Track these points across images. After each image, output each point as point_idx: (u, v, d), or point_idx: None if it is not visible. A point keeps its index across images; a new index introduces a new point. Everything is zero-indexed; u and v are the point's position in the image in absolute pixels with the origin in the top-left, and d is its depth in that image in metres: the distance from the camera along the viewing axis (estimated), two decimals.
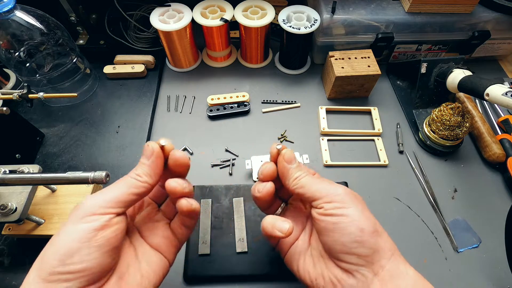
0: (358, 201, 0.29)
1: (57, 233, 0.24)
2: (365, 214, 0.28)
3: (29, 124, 0.49)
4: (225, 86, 0.60)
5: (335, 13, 0.54)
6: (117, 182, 0.26)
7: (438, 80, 0.52)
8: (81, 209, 0.24)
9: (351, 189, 0.30)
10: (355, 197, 0.29)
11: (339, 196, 0.28)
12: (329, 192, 0.28)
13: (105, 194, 0.25)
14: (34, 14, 0.46)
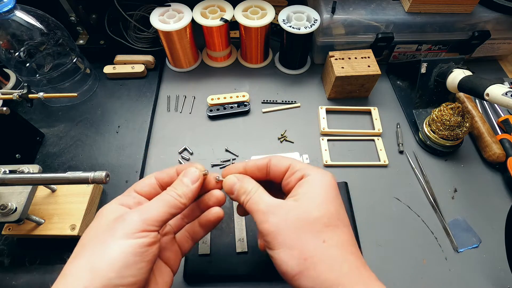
0: (287, 235, 0.25)
1: (101, 245, 0.24)
2: (292, 253, 0.25)
3: (29, 124, 0.49)
4: (225, 86, 0.60)
5: (335, 13, 0.54)
6: (158, 199, 0.27)
7: (438, 80, 0.52)
8: (130, 224, 0.24)
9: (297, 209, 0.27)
10: (289, 227, 0.26)
11: (272, 232, 0.26)
12: (260, 226, 0.27)
13: (149, 211, 0.26)
14: (34, 14, 0.46)
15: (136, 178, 0.47)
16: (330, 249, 0.25)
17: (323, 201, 0.26)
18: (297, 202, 0.27)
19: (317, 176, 0.28)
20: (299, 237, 0.25)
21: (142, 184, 0.30)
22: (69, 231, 0.40)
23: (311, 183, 0.28)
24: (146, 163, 0.50)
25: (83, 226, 0.41)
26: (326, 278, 0.24)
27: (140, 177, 0.48)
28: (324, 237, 0.25)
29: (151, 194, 0.30)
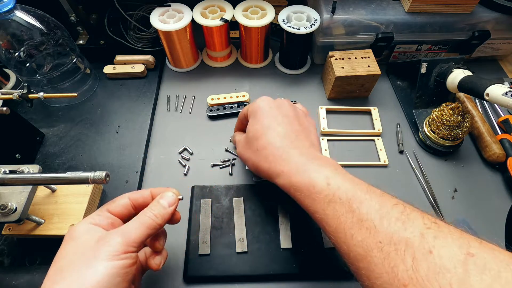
0: (242, 154, 0.40)
1: (86, 268, 0.25)
2: (248, 164, 0.39)
3: (29, 124, 0.49)
4: (225, 86, 0.60)
5: (335, 13, 0.54)
6: (137, 221, 0.29)
7: (438, 80, 0.52)
8: (114, 246, 0.26)
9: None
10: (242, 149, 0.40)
11: (239, 154, 0.41)
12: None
13: (130, 233, 0.28)
14: (34, 14, 0.46)
15: (136, 178, 0.47)
16: (261, 152, 0.36)
17: (253, 123, 0.38)
18: (243, 134, 0.41)
19: (250, 108, 0.40)
20: (246, 153, 0.38)
21: (115, 204, 0.32)
22: None
23: (249, 115, 0.40)
24: (146, 163, 0.50)
25: None
26: (266, 168, 0.35)
27: (140, 177, 0.48)
28: (256, 147, 0.36)
29: (123, 215, 0.32)
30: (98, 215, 0.30)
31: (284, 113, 0.38)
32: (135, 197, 0.33)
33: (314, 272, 0.39)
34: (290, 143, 0.35)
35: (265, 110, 0.38)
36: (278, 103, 0.39)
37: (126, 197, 0.33)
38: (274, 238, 0.41)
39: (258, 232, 0.42)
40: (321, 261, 0.40)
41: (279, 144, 0.35)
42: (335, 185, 0.29)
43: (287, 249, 0.41)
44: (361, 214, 0.27)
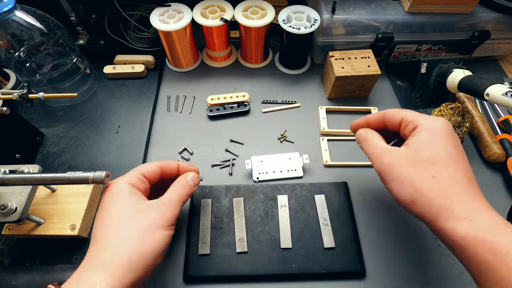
0: (399, 171, 0.31)
1: (150, 233, 0.30)
2: (403, 185, 0.30)
3: (29, 124, 0.49)
4: (225, 86, 0.60)
5: (335, 13, 0.54)
6: (178, 198, 0.35)
7: (438, 80, 0.52)
8: (168, 219, 0.32)
9: None
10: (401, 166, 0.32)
11: (384, 170, 0.34)
12: (376, 166, 0.35)
13: (175, 208, 0.34)
14: (34, 14, 0.46)
15: None
16: (439, 182, 0.29)
17: (431, 144, 0.31)
18: (408, 148, 0.32)
19: (427, 122, 0.32)
20: (409, 173, 0.30)
21: (149, 170, 0.36)
22: (69, 231, 0.40)
23: (421, 131, 0.32)
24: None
25: (83, 226, 0.41)
26: (435, 204, 0.28)
27: None
28: (433, 173, 0.29)
29: (153, 180, 0.36)
30: (136, 178, 0.34)
31: (463, 151, 0.31)
32: (165, 168, 0.37)
33: (314, 272, 0.39)
34: (477, 189, 0.29)
35: (451, 136, 0.31)
36: (457, 135, 0.33)
37: (158, 166, 0.37)
38: (274, 238, 0.41)
39: (258, 232, 0.42)
40: (321, 261, 0.40)
41: (467, 185, 0.29)
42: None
43: (287, 249, 0.41)
44: None
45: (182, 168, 0.38)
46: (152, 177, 0.36)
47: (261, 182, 0.48)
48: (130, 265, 0.28)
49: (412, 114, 0.34)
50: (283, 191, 0.45)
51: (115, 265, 0.27)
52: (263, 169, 0.49)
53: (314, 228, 0.42)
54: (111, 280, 0.26)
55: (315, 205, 0.44)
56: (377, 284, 0.40)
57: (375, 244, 0.43)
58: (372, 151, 0.35)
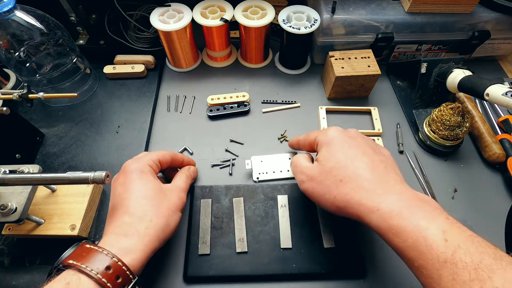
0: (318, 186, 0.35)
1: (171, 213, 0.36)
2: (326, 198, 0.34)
3: (29, 124, 0.49)
4: (225, 86, 0.60)
5: (335, 13, 0.54)
6: (186, 184, 0.41)
7: (438, 80, 0.52)
8: (183, 201, 0.39)
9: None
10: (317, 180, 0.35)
11: (306, 190, 0.37)
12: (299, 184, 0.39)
13: (185, 194, 0.40)
14: (34, 14, 0.46)
15: None
16: (347, 184, 0.32)
17: (331, 154, 0.35)
18: (317, 163, 0.36)
19: (322, 137, 0.37)
20: (323, 184, 0.34)
21: (164, 157, 0.41)
22: (69, 231, 0.40)
23: (321, 145, 0.37)
24: None
25: (83, 226, 0.41)
26: (351, 204, 0.31)
27: None
28: (340, 178, 0.32)
29: (163, 167, 0.41)
30: (153, 162, 0.39)
31: (364, 143, 0.35)
32: (175, 158, 0.43)
33: (314, 272, 0.39)
34: (383, 175, 0.32)
35: (343, 140, 0.35)
36: (351, 133, 0.37)
37: (170, 156, 0.42)
38: (274, 238, 0.41)
39: (258, 232, 0.42)
40: (321, 261, 0.40)
41: (370, 176, 0.31)
42: (455, 242, 0.25)
43: (287, 249, 0.41)
44: (495, 287, 0.22)
45: (186, 161, 0.45)
46: (164, 164, 0.41)
47: (261, 182, 0.48)
48: (158, 236, 0.33)
49: (314, 133, 0.40)
50: (283, 191, 0.45)
51: (148, 237, 0.32)
52: (263, 169, 0.49)
53: (314, 228, 0.42)
54: (143, 248, 0.31)
55: (315, 205, 0.44)
56: (377, 284, 0.40)
57: (375, 244, 0.43)
58: (295, 172, 0.39)
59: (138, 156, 0.40)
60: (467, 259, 0.23)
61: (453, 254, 0.24)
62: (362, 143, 0.35)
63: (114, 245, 0.30)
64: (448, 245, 0.24)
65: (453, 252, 0.24)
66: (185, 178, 0.42)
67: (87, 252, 0.28)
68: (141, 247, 0.31)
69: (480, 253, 0.24)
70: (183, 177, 0.42)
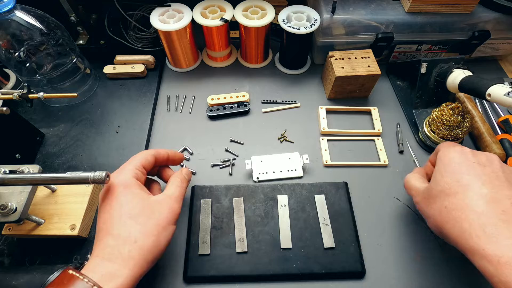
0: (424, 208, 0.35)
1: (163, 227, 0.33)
2: (430, 220, 0.34)
3: (29, 124, 0.49)
4: (225, 86, 0.60)
5: (335, 13, 0.54)
6: (179, 192, 0.37)
7: (438, 80, 0.52)
8: (176, 213, 0.35)
9: None
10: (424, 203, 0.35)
11: (418, 206, 0.37)
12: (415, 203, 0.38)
13: (179, 204, 0.36)
14: (34, 14, 0.46)
15: None
16: (450, 212, 0.30)
17: (443, 176, 0.32)
18: (430, 183, 0.34)
19: (440, 154, 0.35)
20: (428, 208, 0.34)
21: (147, 160, 0.38)
22: (69, 231, 0.40)
23: (437, 163, 0.35)
24: None
25: (83, 226, 0.41)
26: (453, 232, 0.30)
27: None
28: (445, 204, 0.31)
29: (149, 170, 0.38)
30: (138, 170, 0.36)
31: (493, 173, 0.30)
32: (158, 156, 0.39)
33: (314, 272, 0.39)
34: (501, 213, 0.27)
35: (463, 163, 0.32)
36: (483, 158, 0.32)
37: (153, 156, 0.39)
38: (274, 238, 0.41)
39: (258, 232, 0.42)
40: (321, 261, 0.40)
41: (482, 209, 0.27)
42: None
43: (287, 249, 0.41)
44: None
45: (171, 156, 0.41)
46: (149, 167, 0.38)
47: (261, 182, 0.48)
48: (145, 259, 0.30)
49: (440, 146, 0.37)
50: (283, 191, 0.45)
51: (133, 261, 0.29)
52: (263, 169, 0.49)
53: (314, 228, 0.42)
54: (129, 273, 0.29)
55: (315, 205, 0.44)
56: (377, 284, 0.40)
57: (375, 244, 0.43)
58: (408, 189, 0.39)
59: (123, 165, 0.36)
60: None
61: None
62: (492, 172, 0.30)
63: (97, 270, 0.28)
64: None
65: None
66: (177, 183, 0.38)
67: (68, 279, 0.27)
68: (126, 272, 0.29)
69: None
70: (175, 183, 0.37)
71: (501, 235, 0.25)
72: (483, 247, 0.26)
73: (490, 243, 0.26)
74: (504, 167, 0.32)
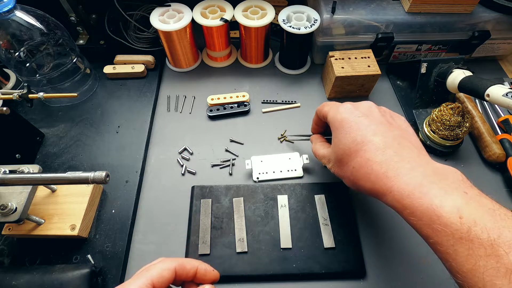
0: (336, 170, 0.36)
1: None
2: (345, 181, 0.35)
3: (29, 124, 0.49)
4: (225, 86, 0.60)
5: (335, 13, 0.54)
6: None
7: (438, 80, 0.52)
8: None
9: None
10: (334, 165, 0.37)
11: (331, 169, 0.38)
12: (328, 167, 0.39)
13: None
14: (34, 14, 0.46)
15: (136, 178, 0.47)
16: (359, 170, 0.32)
17: (338, 140, 0.34)
18: (331, 148, 0.36)
19: (331, 116, 0.36)
20: (340, 171, 0.35)
21: (161, 279, 0.27)
22: (69, 231, 0.40)
23: (332, 127, 0.36)
24: (146, 163, 0.50)
25: (83, 226, 0.41)
26: (367, 189, 0.31)
27: (140, 177, 0.48)
28: (352, 165, 0.33)
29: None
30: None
31: (376, 119, 0.33)
32: (181, 271, 0.28)
33: (314, 272, 0.39)
34: (395, 154, 0.30)
35: (352, 121, 0.33)
36: (364, 108, 0.35)
37: (173, 271, 0.28)
38: (274, 238, 0.41)
39: (258, 232, 0.42)
40: (321, 261, 0.40)
41: (381, 158, 0.30)
42: (470, 218, 0.24)
43: (287, 249, 0.41)
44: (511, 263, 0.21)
45: (200, 275, 0.30)
46: (163, 286, 0.28)
47: (261, 182, 0.48)
48: None
49: (326, 107, 0.38)
50: (283, 191, 0.45)
51: None
52: (263, 169, 0.49)
53: (314, 228, 0.42)
54: None
55: (315, 205, 0.44)
56: (377, 284, 0.40)
57: (375, 244, 0.43)
58: (316, 154, 0.41)
59: (127, 281, 0.27)
60: (483, 235, 0.23)
61: (468, 231, 0.23)
62: (375, 119, 0.33)
63: None
64: (463, 221, 0.24)
65: (468, 229, 0.23)
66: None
67: None
68: None
69: (500, 227, 0.23)
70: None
71: (400, 174, 0.29)
72: (390, 190, 0.29)
73: (394, 184, 0.28)
74: (380, 110, 0.35)
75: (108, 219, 0.44)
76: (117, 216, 0.44)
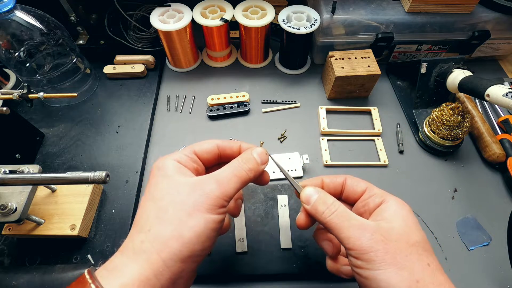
0: (394, 254, 0.24)
1: (187, 217, 0.24)
2: (402, 274, 0.23)
3: (29, 124, 0.49)
4: (225, 86, 0.60)
5: (335, 13, 0.54)
6: (233, 174, 0.27)
7: (438, 80, 0.52)
8: (213, 199, 0.25)
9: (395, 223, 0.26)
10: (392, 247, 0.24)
11: (371, 249, 0.24)
12: (355, 243, 0.25)
13: (227, 186, 0.26)
14: (34, 14, 0.46)
15: (136, 178, 0.47)
16: (435, 273, 0.25)
17: (416, 228, 0.26)
18: (390, 225, 0.26)
19: (398, 204, 0.28)
20: (407, 258, 0.24)
21: (203, 149, 0.29)
22: (69, 231, 0.40)
23: (396, 210, 0.27)
24: (146, 163, 0.50)
25: (83, 226, 0.41)
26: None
27: (140, 177, 0.48)
28: (427, 261, 0.25)
29: (208, 161, 0.30)
30: (186, 156, 0.28)
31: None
32: (224, 146, 0.30)
33: (314, 272, 0.39)
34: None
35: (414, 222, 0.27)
36: None
37: (215, 144, 0.30)
38: (274, 238, 0.41)
39: (258, 232, 0.42)
40: (321, 261, 0.40)
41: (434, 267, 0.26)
42: None
43: (287, 249, 0.41)
44: None
45: (245, 148, 0.30)
46: (207, 158, 0.29)
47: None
48: (160, 255, 0.23)
49: (376, 188, 0.30)
50: (283, 191, 0.45)
51: (145, 255, 0.23)
52: None
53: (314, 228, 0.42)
54: (137, 270, 0.22)
55: None
56: None
57: None
58: (345, 223, 0.26)
59: (169, 154, 0.29)
60: None
61: None
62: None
63: (108, 266, 0.23)
64: None
65: None
66: (238, 162, 0.28)
67: (83, 285, 0.22)
68: (133, 269, 0.22)
69: None
70: (233, 162, 0.28)
71: None
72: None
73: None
74: None
75: (108, 219, 0.44)
76: (117, 216, 0.44)
